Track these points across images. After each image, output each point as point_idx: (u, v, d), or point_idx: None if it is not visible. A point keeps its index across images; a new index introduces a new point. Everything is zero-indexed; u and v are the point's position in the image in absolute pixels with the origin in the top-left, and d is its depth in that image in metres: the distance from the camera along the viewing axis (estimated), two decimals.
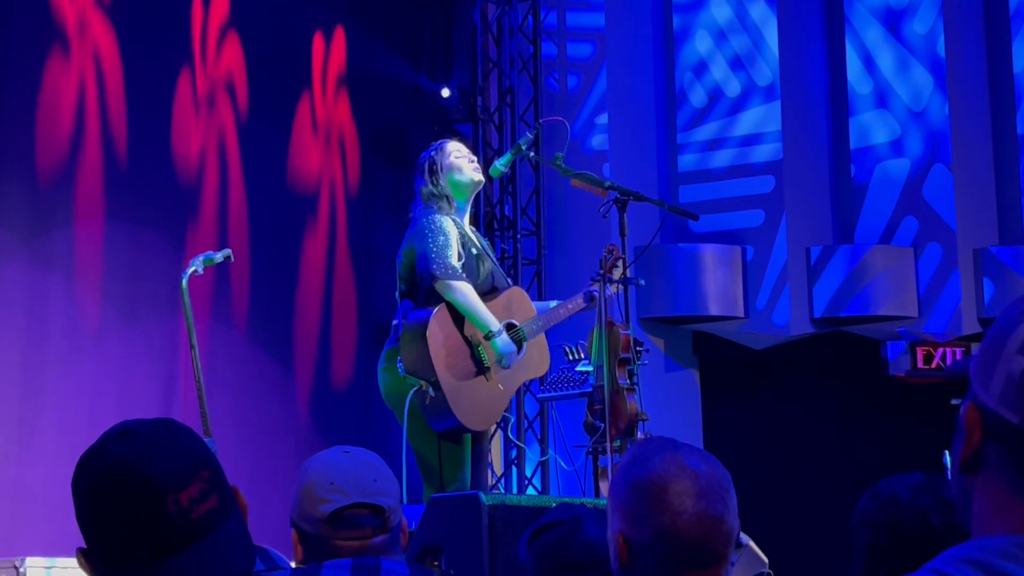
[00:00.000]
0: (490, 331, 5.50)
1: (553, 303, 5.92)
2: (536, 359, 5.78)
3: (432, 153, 5.70)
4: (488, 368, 5.53)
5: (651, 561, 1.99)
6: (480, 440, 5.67)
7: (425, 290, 5.46)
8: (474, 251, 5.57)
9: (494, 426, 5.89)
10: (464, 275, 5.45)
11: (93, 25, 6.79)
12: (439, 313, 5.41)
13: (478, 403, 5.49)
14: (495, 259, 5.86)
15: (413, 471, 5.55)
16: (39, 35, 6.54)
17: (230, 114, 7.59)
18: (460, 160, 5.67)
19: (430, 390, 5.36)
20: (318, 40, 8.32)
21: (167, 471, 1.62)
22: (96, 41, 6.80)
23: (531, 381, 8.25)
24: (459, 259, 5.46)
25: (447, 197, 5.60)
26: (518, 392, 8.59)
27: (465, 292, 5.44)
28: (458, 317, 5.49)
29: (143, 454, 1.63)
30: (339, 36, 8.44)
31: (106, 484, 1.62)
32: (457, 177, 5.64)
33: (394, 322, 5.57)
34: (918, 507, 2.33)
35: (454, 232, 5.50)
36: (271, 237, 7.78)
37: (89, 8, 6.78)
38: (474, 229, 5.79)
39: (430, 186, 5.61)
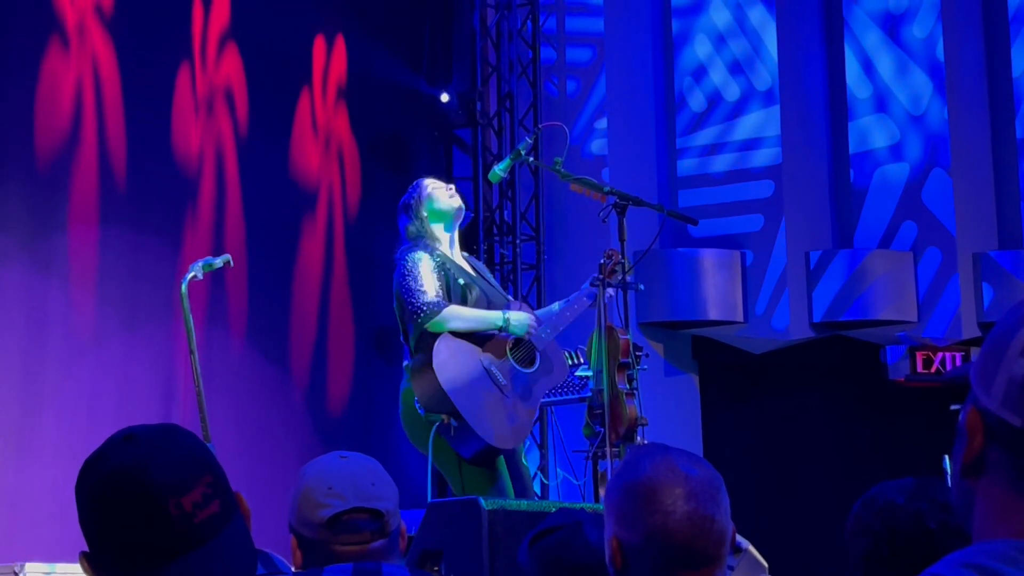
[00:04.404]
0: (499, 326, 5.54)
1: (556, 306, 5.92)
2: (554, 365, 5.79)
3: (410, 192, 5.76)
4: (504, 385, 5.54)
5: (644, 563, 2.01)
6: (513, 458, 5.67)
7: (417, 332, 5.48)
8: (460, 281, 5.58)
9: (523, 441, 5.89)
10: (445, 301, 5.46)
11: (91, 30, 6.79)
12: (440, 344, 5.43)
13: (502, 421, 5.50)
14: (491, 280, 5.87)
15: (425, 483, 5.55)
16: (38, 40, 6.54)
17: (229, 119, 7.59)
18: (436, 190, 5.71)
19: (452, 421, 5.38)
20: (318, 45, 8.32)
21: (170, 475, 1.63)
22: (94, 46, 6.80)
23: None
24: (435, 288, 5.47)
25: (430, 232, 5.62)
26: None
27: (456, 314, 5.47)
28: (461, 343, 5.49)
29: (146, 458, 1.63)
30: (339, 41, 8.44)
31: (109, 488, 1.63)
32: (436, 206, 5.67)
33: (404, 363, 5.62)
34: (914, 512, 2.33)
35: (426, 264, 5.50)
36: (270, 242, 7.78)
37: (88, 13, 6.78)
38: (466, 255, 5.81)
39: (415, 223, 5.66)
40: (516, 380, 5.59)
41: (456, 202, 5.73)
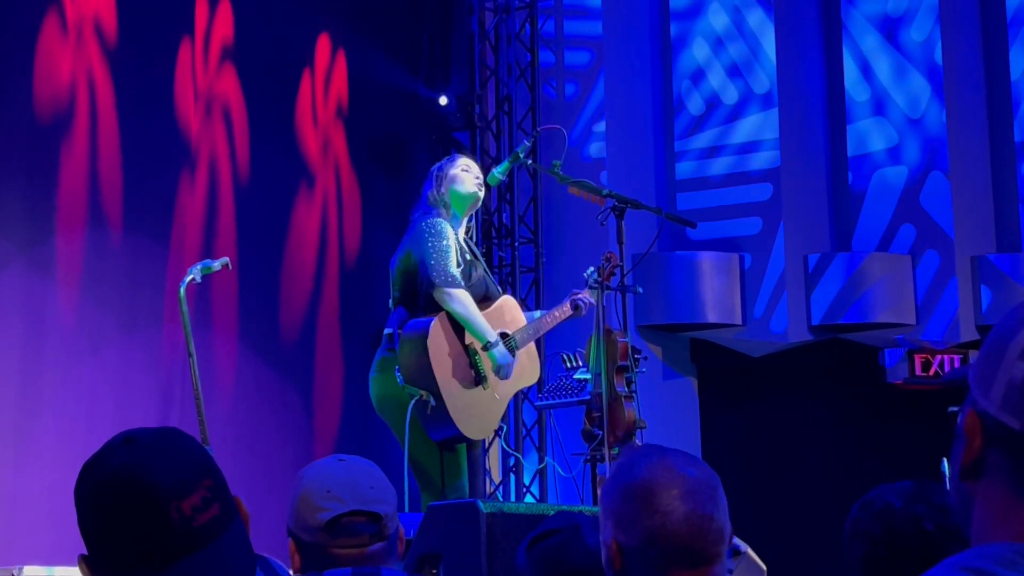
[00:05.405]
0: (488, 342, 5.52)
1: (537, 313, 5.97)
2: (527, 367, 5.82)
3: (444, 162, 5.79)
4: (485, 377, 5.55)
5: (644, 564, 2.01)
6: (473, 447, 5.69)
7: (424, 297, 5.47)
8: (467, 256, 5.61)
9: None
10: (463, 283, 5.47)
11: (89, 37, 6.79)
12: (438, 323, 5.43)
13: (477, 412, 5.52)
14: (486, 267, 5.89)
15: (414, 480, 5.56)
16: (36, 48, 6.54)
17: (225, 120, 7.59)
18: (465, 174, 5.72)
19: (431, 400, 5.37)
20: (319, 47, 8.32)
21: (170, 479, 1.63)
22: (91, 53, 6.80)
23: (529, 389, 8.27)
24: (456, 262, 5.49)
25: (446, 205, 5.65)
26: (515, 399, 8.59)
27: (464, 301, 5.46)
28: (457, 325, 5.50)
29: (146, 461, 1.63)
30: (338, 44, 8.44)
31: (108, 491, 1.63)
32: (458, 188, 5.68)
33: (386, 331, 5.58)
34: (912, 514, 2.33)
35: (451, 235, 5.54)
36: (268, 245, 7.78)
37: (87, 17, 6.78)
38: (468, 238, 5.82)
39: (435, 193, 5.68)
40: (495, 374, 5.63)
41: (479, 191, 5.75)
